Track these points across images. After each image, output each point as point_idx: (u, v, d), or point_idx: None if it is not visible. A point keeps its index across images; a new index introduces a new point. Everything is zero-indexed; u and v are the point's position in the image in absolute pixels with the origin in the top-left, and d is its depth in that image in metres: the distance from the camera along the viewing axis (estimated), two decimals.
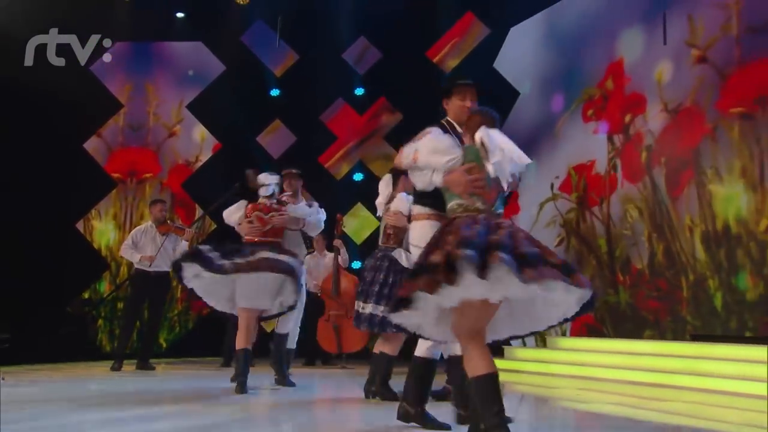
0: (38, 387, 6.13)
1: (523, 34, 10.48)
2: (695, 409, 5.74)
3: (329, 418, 5.19)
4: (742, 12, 7.60)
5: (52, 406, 4.84)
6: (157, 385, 6.52)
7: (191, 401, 5.20)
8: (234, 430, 4.22)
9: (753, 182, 7.31)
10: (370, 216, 10.65)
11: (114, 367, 7.26)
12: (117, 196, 10.60)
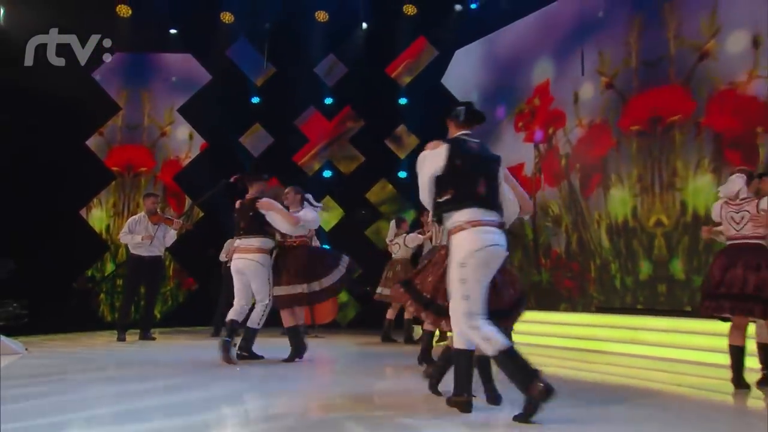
0: (58, 359, 6.11)
1: (466, 56, 10.68)
2: (600, 367, 6.18)
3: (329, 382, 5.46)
4: (639, 49, 8.03)
5: (74, 378, 4.84)
6: (163, 356, 6.44)
7: (201, 372, 5.18)
8: (249, 396, 4.28)
9: (646, 186, 7.78)
10: (337, 207, 10.91)
11: (120, 338, 7.31)
12: (116, 188, 10.49)
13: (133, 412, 3.46)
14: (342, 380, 5.24)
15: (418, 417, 3.43)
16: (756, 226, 4.29)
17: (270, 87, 10.94)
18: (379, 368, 5.99)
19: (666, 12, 7.71)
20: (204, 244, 9.32)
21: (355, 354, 7.25)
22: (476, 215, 3.16)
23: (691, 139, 7.33)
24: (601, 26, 8.52)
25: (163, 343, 7.58)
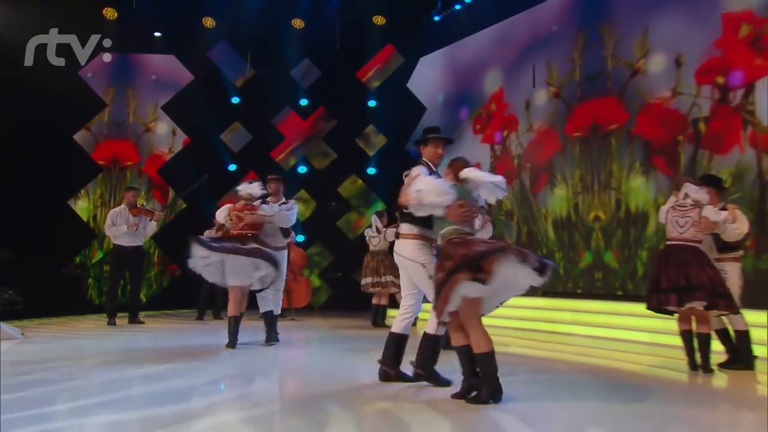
0: (55, 344, 6.00)
1: (430, 63, 10.83)
2: (547, 345, 6.47)
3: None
4: (582, 64, 8.32)
5: (73, 365, 4.71)
6: (155, 341, 6.35)
7: (193, 357, 5.09)
8: (241, 380, 4.26)
9: (586, 186, 8.13)
10: (311, 200, 10.95)
11: (110, 322, 7.25)
12: (103, 180, 10.32)
13: (129, 399, 3.45)
14: (321, 364, 5.18)
15: (397, 400, 3.47)
16: (697, 231, 4.46)
17: (249, 88, 10.88)
18: (354, 351, 5.93)
19: (605, 33, 8.02)
20: (187, 234, 9.21)
21: (331, 337, 7.27)
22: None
23: (625, 145, 7.68)
24: (549, 42, 8.75)
25: (151, 327, 7.47)
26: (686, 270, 4.37)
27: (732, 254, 4.77)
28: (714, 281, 4.33)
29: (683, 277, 4.36)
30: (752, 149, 6.39)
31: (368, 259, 7.82)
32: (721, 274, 4.47)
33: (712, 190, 4.68)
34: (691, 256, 4.44)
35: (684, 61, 7.08)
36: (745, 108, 6.49)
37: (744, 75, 6.54)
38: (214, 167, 10.42)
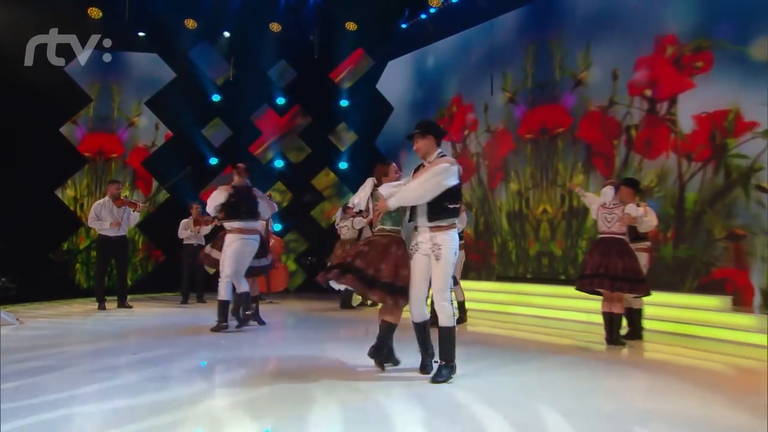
0: (50, 330, 5.79)
1: (397, 66, 10.97)
2: (500, 324, 6.66)
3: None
4: (533, 74, 8.62)
5: (70, 351, 4.63)
6: (144, 325, 6.21)
7: (183, 342, 5.01)
8: (226, 366, 4.20)
9: (536, 182, 8.48)
10: (287, 191, 11.04)
11: (100, 307, 7.24)
12: (89, 171, 10.17)
13: (127, 386, 3.40)
14: (302, 346, 5.13)
15: (371, 381, 3.55)
16: (621, 225, 5.00)
17: (229, 86, 10.86)
18: (333, 334, 6.06)
19: (553, 47, 8.36)
20: (170, 223, 9.10)
21: (312, 320, 7.24)
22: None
23: (569, 147, 8.05)
24: (505, 52, 9.02)
25: (139, 311, 7.39)
26: (606, 260, 4.86)
27: (641, 244, 5.35)
28: (627, 268, 4.82)
29: (601, 266, 4.85)
30: (674, 154, 6.89)
31: (337, 247, 7.98)
32: (638, 262, 4.96)
33: (631, 191, 5.16)
34: (615, 246, 4.93)
35: (619, 74, 7.47)
36: (668, 117, 6.96)
37: (668, 89, 6.97)
38: (196, 160, 10.46)
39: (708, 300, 6.05)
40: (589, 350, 5.05)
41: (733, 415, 3.03)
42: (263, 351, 5.01)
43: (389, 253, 3.63)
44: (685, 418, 2.94)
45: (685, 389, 3.61)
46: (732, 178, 6.38)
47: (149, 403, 3.04)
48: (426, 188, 3.43)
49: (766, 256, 6.06)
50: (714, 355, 4.93)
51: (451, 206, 3.50)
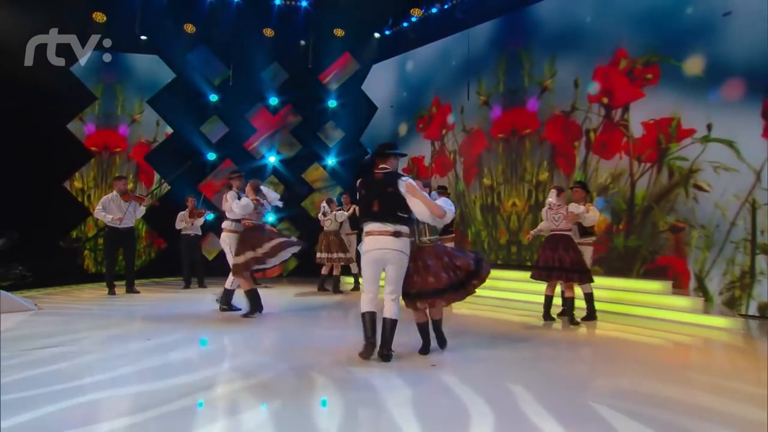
0: (66, 315, 5.71)
1: (382, 69, 11.13)
2: (473, 306, 6.65)
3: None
4: (505, 80, 8.90)
5: (88, 337, 4.58)
6: (152, 310, 6.22)
7: (192, 327, 5.05)
8: (234, 350, 4.28)
9: (507, 178, 8.78)
10: (279, 184, 11.05)
11: (110, 292, 7.33)
12: (95, 164, 10.20)
13: (144, 372, 3.42)
14: (299, 332, 5.15)
15: (364, 365, 3.62)
16: (567, 223, 5.43)
17: (225, 87, 10.92)
18: (323, 318, 6.16)
19: (522, 57, 8.66)
20: (171, 213, 9.02)
21: (303, 305, 7.20)
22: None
23: (536, 147, 8.38)
24: (480, 60, 9.28)
25: (146, 296, 7.42)
26: (556, 254, 5.29)
27: (588, 239, 5.76)
28: (574, 261, 5.25)
29: (552, 259, 5.29)
30: (626, 156, 7.30)
31: (321, 238, 8.29)
32: (581, 255, 5.39)
33: (582, 192, 5.62)
34: (563, 242, 5.34)
35: (580, 83, 7.82)
36: (622, 123, 7.34)
37: (622, 98, 7.35)
38: (195, 155, 10.61)
39: (652, 284, 6.44)
40: (554, 327, 5.40)
41: (669, 388, 3.30)
42: (267, 335, 5.02)
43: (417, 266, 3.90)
44: (632, 393, 3.17)
45: (630, 362, 3.98)
46: (674, 178, 6.80)
47: (172, 387, 3.09)
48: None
49: (700, 246, 6.54)
50: (656, 332, 5.31)
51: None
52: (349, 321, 5.79)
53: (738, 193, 6.24)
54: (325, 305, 7.09)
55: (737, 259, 6.24)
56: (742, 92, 6.26)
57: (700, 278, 6.51)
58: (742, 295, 6.18)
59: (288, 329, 5.33)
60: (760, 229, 6.09)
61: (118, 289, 7.51)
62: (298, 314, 6.29)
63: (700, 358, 4.56)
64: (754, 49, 6.14)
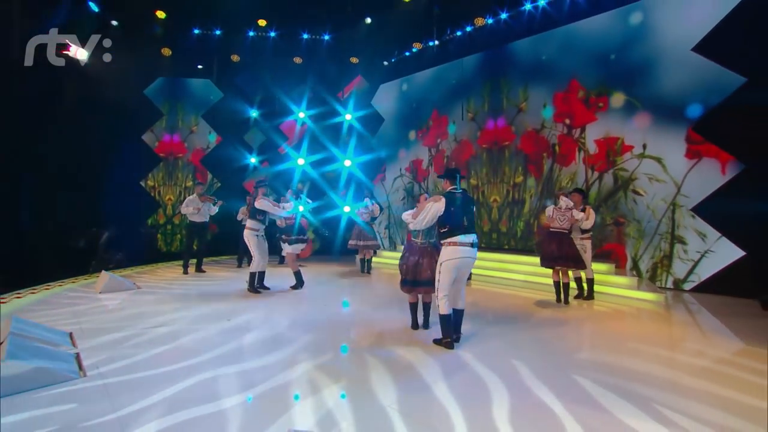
0: (160, 294, 5.67)
1: (388, 89, 11.28)
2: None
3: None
4: (489, 101, 9.09)
5: (185, 316, 4.50)
6: (220, 289, 6.09)
7: (257, 306, 5.05)
8: (305, 327, 4.19)
9: (489, 180, 9.04)
10: (306, 181, 11.44)
11: (185, 272, 7.65)
12: (163, 167, 10.58)
13: (231, 354, 3.35)
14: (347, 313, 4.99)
15: (400, 347, 3.64)
16: (568, 224, 5.45)
17: (263, 103, 11.13)
18: (363, 298, 5.89)
19: (502, 83, 8.92)
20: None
21: (344, 284, 7.06)
22: None
23: (513, 156, 8.68)
24: (469, 84, 9.49)
25: (211, 275, 7.46)
26: (559, 246, 5.39)
27: (586, 236, 5.81)
28: (571, 254, 5.39)
29: (557, 250, 5.41)
30: (583, 165, 7.76)
31: (356, 227, 8.17)
32: (578, 248, 5.50)
33: (580, 197, 5.76)
34: (563, 238, 5.45)
35: (547, 106, 8.15)
36: (579, 140, 7.79)
37: (579, 120, 7.73)
38: (240, 158, 11.00)
39: (601, 266, 6.78)
40: (541, 304, 5.53)
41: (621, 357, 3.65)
42: (311, 313, 4.84)
43: (414, 261, 4.06)
44: (591, 362, 3.42)
45: (597, 336, 4.21)
46: (618, 184, 7.27)
47: (260, 366, 3.12)
48: (421, 220, 3.83)
49: (636, 236, 7.10)
50: (606, 303, 5.70)
51: (441, 231, 3.68)
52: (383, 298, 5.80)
53: (665, 198, 6.77)
54: (359, 284, 6.92)
55: (661, 247, 6.81)
56: (670, 121, 6.73)
57: (635, 260, 7.09)
58: (663, 273, 6.78)
59: (335, 311, 5.13)
60: (677, 225, 6.68)
61: (189, 269, 7.84)
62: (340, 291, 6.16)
63: (636, 325, 4.72)
64: (682, 87, 6.60)
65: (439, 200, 3.69)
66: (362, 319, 4.73)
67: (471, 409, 2.60)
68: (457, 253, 3.61)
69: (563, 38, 8.03)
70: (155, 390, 2.80)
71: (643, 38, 7.04)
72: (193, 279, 7.21)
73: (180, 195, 10.67)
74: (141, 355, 3.43)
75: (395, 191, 11.12)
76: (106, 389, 2.82)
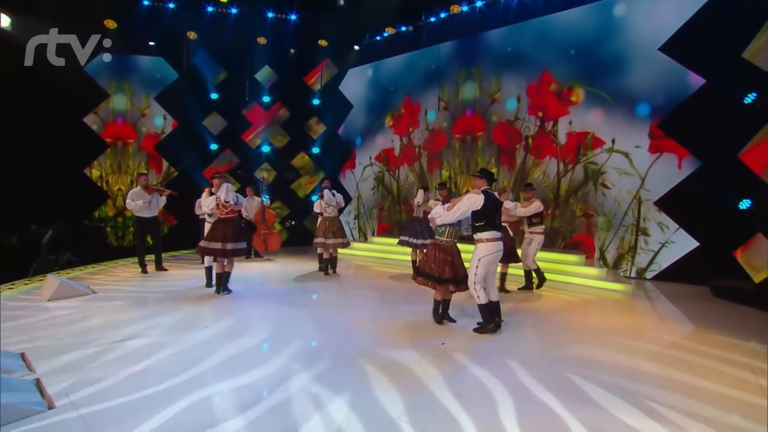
0: (119, 299, 5.17)
1: (356, 74, 11.10)
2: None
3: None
4: (462, 90, 9.16)
5: (156, 324, 4.14)
6: (185, 289, 5.70)
7: (232, 311, 4.74)
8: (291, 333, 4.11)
9: (462, 170, 9.17)
10: (272, 170, 11.10)
11: (143, 271, 7.04)
12: (110, 154, 9.82)
13: (220, 368, 3.15)
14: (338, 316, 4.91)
15: (401, 350, 3.82)
16: (505, 216, 5.52)
17: (224, 86, 10.60)
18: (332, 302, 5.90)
19: (474, 72, 9.02)
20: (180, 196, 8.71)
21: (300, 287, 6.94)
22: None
23: (486, 147, 8.84)
24: (442, 72, 9.49)
25: (174, 273, 7.06)
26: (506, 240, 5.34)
27: (536, 228, 5.99)
28: (508, 247, 5.39)
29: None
30: (555, 158, 8.04)
31: (320, 222, 7.37)
32: (513, 240, 5.62)
33: (531, 191, 6.01)
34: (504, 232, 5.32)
35: (521, 98, 8.34)
36: (552, 133, 8.10)
37: (552, 113, 8.00)
38: (199, 146, 10.46)
39: (571, 257, 7.25)
40: (513, 300, 5.63)
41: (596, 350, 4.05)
42: (298, 318, 4.62)
43: (438, 257, 4.11)
44: (581, 359, 3.76)
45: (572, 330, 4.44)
46: (588, 177, 7.66)
47: (254, 381, 2.97)
48: (455, 213, 3.97)
49: (603, 228, 7.55)
50: (575, 294, 6.04)
51: (477, 224, 3.96)
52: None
53: (630, 191, 7.24)
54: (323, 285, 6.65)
55: (626, 238, 7.31)
56: (636, 116, 7.14)
57: (602, 251, 7.57)
58: (628, 263, 7.28)
59: (322, 315, 4.94)
60: (643, 218, 7.18)
61: (149, 267, 7.32)
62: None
63: (611, 316, 5.00)
64: (648, 84, 7.02)
65: (477, 195, 3.91)
66: (347, 319, 4.61)
67: (480, 417, 2.63)
68: (494, 247, 3.94)
69: (538, 30, 8.23)
70: (143, 419, 2.50)
71: (615, 34, 7.37)
72: (154, 279, 6.77)
73: (133, 185, 10.00)
74: (115, 377, 3.06)
75: (365, 180, 11.04)
76: (84, 423, 2.45)
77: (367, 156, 10.96)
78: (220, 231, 5.32)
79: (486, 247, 3.94)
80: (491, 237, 3.93)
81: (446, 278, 4.05)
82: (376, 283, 6.66)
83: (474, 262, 3.98)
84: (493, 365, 3.43)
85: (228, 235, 5.29)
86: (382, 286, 6.42)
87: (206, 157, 10.63)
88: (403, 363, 3.43)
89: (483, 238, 3.96)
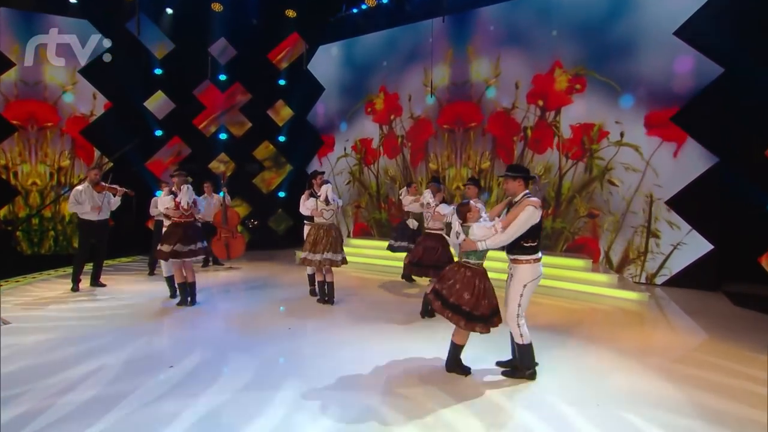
0: (46, 331, 4.20)
1: (327, 51, 10.19)
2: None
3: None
4: (451, 74, 8.54)
5: (126, 357, 3.57)
6: (133, 312, 4.92)
7: (195, 336, 4.17)
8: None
9: (452, 164, 8.59)
10: (231, 161, 9.98)
11: (74, 288, 5.94)
12: (19, 139, 8.10)
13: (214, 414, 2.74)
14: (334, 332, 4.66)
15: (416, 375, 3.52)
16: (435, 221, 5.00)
17: (170, 60, 9.16)
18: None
19: (469, 53, 8.34)
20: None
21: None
22: None
23: (479, 138, 8.27)
24: (427, 52, 8.73)
25: (112, 288, 6.11)
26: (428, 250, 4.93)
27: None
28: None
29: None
30: (557, 152, 7.56)
31: (311, 230, 6.30)
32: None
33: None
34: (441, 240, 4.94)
35: (520, 85, 7.78)
36: (554, 124, 7.57)
37: (554, 103, 7.51)
38: (140, 132, 8.95)
39: (576, 262, 6.75)
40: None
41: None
42: (275, 335, 4.25)
43: (473, 285, 3.21)
44: (625, 390, 3.34)
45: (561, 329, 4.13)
46: (593, 174, 7.22)
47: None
48: (513, 235, 3.17)
49: (610, 229, 7.14)
50: (582, 303, 5.66)
51: (526, 245, 3.23)
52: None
53: (640, 189, 6.82)
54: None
55: (635, 241, 6.92)
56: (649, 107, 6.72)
57: (607, 253, 7.14)
58: (638, 268, 6.89)
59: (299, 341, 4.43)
60: (655, 218, 6.80)
61: (81, 283, 6.07)
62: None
63: (628, 330, 4.66)
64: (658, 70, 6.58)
65: (536, 207, 3.13)
66: (336, 342, 4.09)
67: None
68: (539, 269, 3.27)
69: (542, 6, 7.60)
70: None
71: (625, 15, 6.87)
72: (88, 298, 5.66)
73: (52, 178, 8.33)
74: None
75: (339, 173, 10.14)
76: None
77: (341, 146, 10.08)
78: (180, 232, 5.06)
79: (534, 269, 3.23)
80: (539, 257, 3.26)
81: (479, 315, 3.17)
82: (364, 297, 5.87)
83: (517, 288, 3.23)
84: (537, 406, 2.96)
85: (189, 236, 5.05)
86: (373, 302, 5.63)
87: (149, 145, 9.12)
88: (420, 399, 2.95)
89: (531, 259, 3.22)
